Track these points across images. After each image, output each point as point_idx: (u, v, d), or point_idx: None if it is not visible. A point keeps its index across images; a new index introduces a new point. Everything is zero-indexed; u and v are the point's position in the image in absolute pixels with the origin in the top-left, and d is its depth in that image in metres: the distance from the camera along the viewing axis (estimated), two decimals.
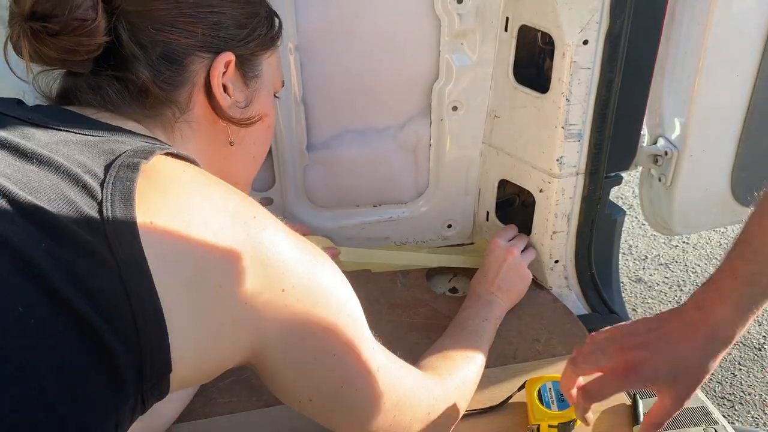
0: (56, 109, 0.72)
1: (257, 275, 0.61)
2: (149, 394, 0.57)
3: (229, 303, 0.60)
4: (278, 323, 0.63)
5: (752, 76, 1.17)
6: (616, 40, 1.05)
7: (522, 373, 1.06)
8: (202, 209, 0.60)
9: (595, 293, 1.29)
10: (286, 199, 1.25)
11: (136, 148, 0.62)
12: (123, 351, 0.53)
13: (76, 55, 0.68)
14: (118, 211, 0.55)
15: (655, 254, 2.69)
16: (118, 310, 0.53)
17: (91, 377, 0.52)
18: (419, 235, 1.38)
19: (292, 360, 0.67)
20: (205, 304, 0.58)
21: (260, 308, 0.62)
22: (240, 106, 0.80)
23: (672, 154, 1.23)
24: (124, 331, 0.53)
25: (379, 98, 1.20)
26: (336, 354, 0.69)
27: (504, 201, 1.35)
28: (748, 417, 2.00)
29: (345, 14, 1.10)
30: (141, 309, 0.54)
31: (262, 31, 0.80)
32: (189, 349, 0.58)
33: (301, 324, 0.65)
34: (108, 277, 0.53)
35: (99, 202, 0.55)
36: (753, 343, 2.26)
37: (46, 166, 0.56)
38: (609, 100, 1.10)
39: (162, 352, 0.55)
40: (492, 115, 1.23)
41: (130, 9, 0.70)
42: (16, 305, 0.49)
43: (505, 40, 1.14)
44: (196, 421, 0.97)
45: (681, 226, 1.33)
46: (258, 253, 0.61)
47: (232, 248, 0.60)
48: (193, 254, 0.58)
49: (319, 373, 0.69)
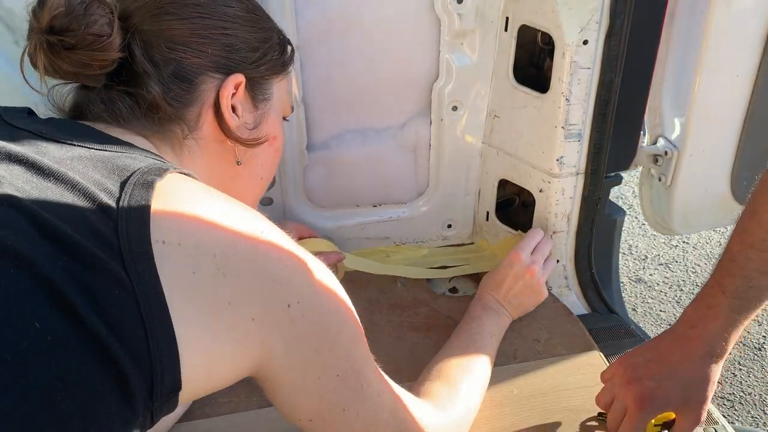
0: (68, 122, 0.73)
1: (264, 291, 0.62)
2: (158, 411, 0.58)
3: (238, 320, 0.61)
4: (283, 339, 0.64)
5: (752, 76, 1.17)
6: (616, 40, 1.05)
7: (522, 373, 1.06)
8: (212, 227, 0.61)
9: (595, 293, 1.29)
10: (286, 199, 1.25)
11: (149, 166, 0.63)
12: (135, 372, 0.54)
13: (89, 69, 0.70)
14: (133, 231, 0.56)
15: (655, 254, 2.69)
16: (133, 332, 0.54)
17: (103, 396, 0.53)
18: (419, 235, 1.38)
19: (296, 377, 0.67)
20: (215, 323, 0.59)
21: (266, 324, 0.62)
22: (248, 127, 0.81)
23: (672, 154, 1.23)
24: (138, 353, 0.54)
25: (379, 98, 1.20)
26: (339, 375, 0.69)
27: (504, 201, 1.35)
28: (748, 417, 2.00)
29: (345, 14, 1.10)
30: (154, 332, 0.55)
31: (274, 56, 0.82)
32: (199, 368, 0.59)
33: (305, 340, 0.66)
34: (123, 298, 0.54)
35: (115, 221, 0.56)
36: (753, 343, 2.26)
37: (62, 183, 0.57)
38: (609, 100, 1.10)
39: (173, 373, 0.56)
40: (492, 115, 1.23)
41: (144, 27, 0.72)
42: (34, 322, 0.50)
43: (505, 40, 1.14)
44: (196, 421, 0.97)
45: (681, 225, 1.33)
46: (265, 270, 0.62)
47: (242, 265, 0.61)
48: (202, 274, 0.58)
49: (321, 392, 0.69)
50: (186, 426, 0.96)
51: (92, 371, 0.52)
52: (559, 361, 1.09)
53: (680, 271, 2.60)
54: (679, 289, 2.51)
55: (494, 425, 0.97)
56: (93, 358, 0.52)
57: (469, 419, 0.92)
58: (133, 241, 0.55)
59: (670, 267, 2.62)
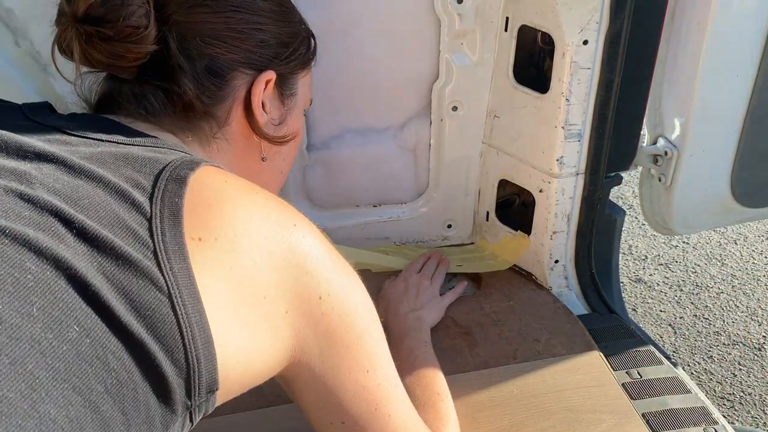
0: (92, 117, 0.72)
1: (298, 284, 0.62)
2: (196, 411, 0.58)
3: (272, 314, 0.60)
4: (314, 332, 0.64)
5: (752, 76, 1.17)
6: (616, 40, 1.05)
7: (522, 373, 1.06)
8: (247, 220, 0.60)
9: (595, 293, 1.29)
10: (286, 199, 1.23)
11: (181, 159, 0.62)
12: (173, 372, 0.54)
13: (123, 61, 0.68)
14: (167, 228, 0.55)
15: (655, 254, 2.69)
16: (169, 332, 0.53)
17: (143, 398, 0.52)
18: (419, 235, 1.38)
19: (327, 372, 0.66)
20: (250, 319, 0.59)
21: (299, 317, 0.62)
22: (274, 123, 0.81)
23: (672, 154, 1.23)
24: (174, 353, 0.53)
25: (379, 98, 1.20)
26: (369, 371, 0.68)
27: (504, 201, 1.35)
28: (748, 417, 2.00)
29: (345, 14, 1.10)
30: (191, 331, 0.54)
31: (302, 51, 0.82)
32: (235, 366, 0.58)
33: (336, 333, 0.65)
34: (159, 297, 0.53)
35: (148, 219, 0.55)
36: (753, 343, 2.26)
37: (94, 181, 0.56)
38: (609, 100, 1.10)
39: (210, 373, 0.56)
40: (492, 115, 1.23)
41: (180, 20, 0.70)
42: (72, 324, 0.49)
43: (505, 40, 1.14)
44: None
45: (681, 226, 1.33)
46: (299, 262, 0.62)
47: (277, 259, 0.60)
48: (240, 269, 0.58)
49: (352, 389, 0.68)
50: None
51: (132, 372, 0.51)
52: (559, 361, 1.09)
53: (680, 271, 2.60)
54: (679, 289, 2.51)
55: (494, 425, 0.97)
56: (131, 359, 0.51)
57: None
58: (168, 240, 0.55)
59: (670, 267, 2.62)
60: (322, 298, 0.63)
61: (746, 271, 2.59)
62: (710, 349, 2.23)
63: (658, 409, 0.99)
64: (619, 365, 1.08)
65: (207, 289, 0.55)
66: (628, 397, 1.01)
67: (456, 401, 0.95)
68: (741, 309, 2.40)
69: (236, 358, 0.58)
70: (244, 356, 0.59)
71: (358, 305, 0.68)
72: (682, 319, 2.37)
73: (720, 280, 2.54)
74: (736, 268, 2.61)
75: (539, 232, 1.26)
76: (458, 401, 0.97)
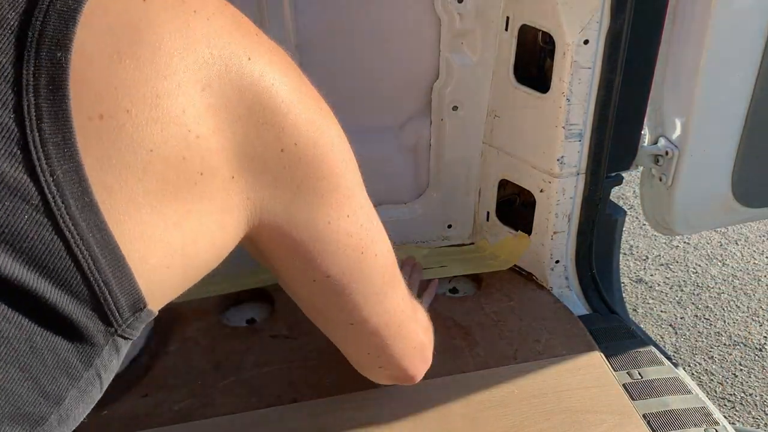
0: None
1: (249, 141, 0.49)
2: (127, 333, 0.47)
3: (213, 188, 0.48)
4: (278, 190, 0.53)
5: (753, 75, 1.17)
6: (617, 39, 1.04)
7: (522, 373, 1.06)
8: (177, 67, 0.43)
9: (595, 293, 1.29)
10: None
11: None
12: (75, 307, 0.42)
13: None
14: (45, 107, 0.39)
15: (656, 254, 2.69)
16: (57, 261, 0.41)
17: (42, 344, 0.42)
18: (419, 235, 1.38)
19: (301, 227, 0.57)
20: (181, 207, 0.46)
21: (251, 178, 0.50)
22: None
23: (673, 154, 1.23)
24: (72, 285, 0.42)
25: (379, 98, 1.20)
26: (349, 215, 0.60)
27: (504, 201, 1.35)
28: (748, 417, 1.99)
29: (345, 14, 1.10)
30: (88, 253, 0.41)
31: None
32: (165, 272, 0.47)
33: (305, 186, 0.55)
34: (35, 218, 0.40)
35: (16, 92, 0.38)
36: (754, 343, 2.25)
37: None
38: (609, 100, 1.10)
39: (129, 293, 0.45)
40: (492, 115, 1.23)
41: None
42: None
43: (505, 39, 1.14)
44: (196, 421, 0.97)
45: (682, 226, 1.33)
46: (254, 112, 0.48)
47: (221, 115, 0.46)
48: (164, 148, 0.43)
49: (335, 238, 0.59)
50: (186, 426, 0.96)
51: (17, 324, 0.41)
52: (560, 361, 1.09)
53: (681, 271, 2.60)
54: (679, 289, 2.51)
55: (494, 425, 0.97)
56: (13, 308, 0.40)
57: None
58: (46, 128, 0.39)
59: (670, 267, 2.62)
60: (284, 150, 0.51)
61: (747, 272, 2.59)
62: (711, 349, 2.23)
63: (658, 410, 0.99)
64: (620, 366, 1.08)
65: (111, 191, 0.41)
66: (629, 398, 1.01)
67: (456, 402, 0.95)
68: (742, 309, 2.40)
69: (165, 263, 0.46)
70: (178, 256, 0.47)
71: (333, 146, 0.57)
72: (682, 319, 2.36)
73: (721, 281, 2.54)
74: (737, 269, 2.60)
75: (540, 232, 1.25)
76: (458, 402, 0.97)
